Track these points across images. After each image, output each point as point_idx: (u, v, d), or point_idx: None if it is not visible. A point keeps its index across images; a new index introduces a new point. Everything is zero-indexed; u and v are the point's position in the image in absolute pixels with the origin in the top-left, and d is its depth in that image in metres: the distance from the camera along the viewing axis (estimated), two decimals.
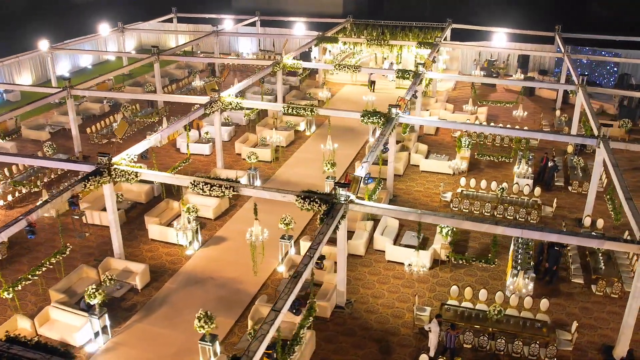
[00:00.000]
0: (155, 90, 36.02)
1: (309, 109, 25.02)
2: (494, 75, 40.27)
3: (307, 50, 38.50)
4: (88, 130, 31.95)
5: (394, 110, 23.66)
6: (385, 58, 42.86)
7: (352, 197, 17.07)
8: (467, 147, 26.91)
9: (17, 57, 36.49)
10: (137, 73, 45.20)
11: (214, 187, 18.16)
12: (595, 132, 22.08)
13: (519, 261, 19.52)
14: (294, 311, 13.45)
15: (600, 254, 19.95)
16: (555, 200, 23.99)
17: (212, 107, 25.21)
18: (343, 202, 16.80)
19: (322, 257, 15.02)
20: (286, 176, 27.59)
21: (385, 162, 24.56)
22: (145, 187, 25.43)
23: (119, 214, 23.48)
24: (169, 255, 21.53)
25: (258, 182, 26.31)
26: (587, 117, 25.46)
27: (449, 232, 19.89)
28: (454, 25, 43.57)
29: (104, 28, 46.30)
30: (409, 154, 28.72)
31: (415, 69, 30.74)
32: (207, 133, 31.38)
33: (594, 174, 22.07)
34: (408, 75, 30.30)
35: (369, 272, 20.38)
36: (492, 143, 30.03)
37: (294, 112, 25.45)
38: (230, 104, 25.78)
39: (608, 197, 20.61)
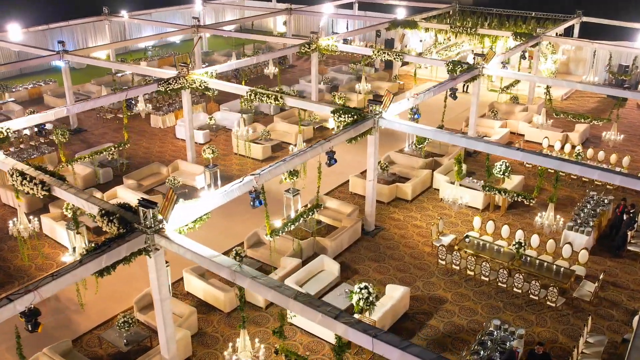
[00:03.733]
0: (194, 66, 32.20)
1: (273, 97, 18.86)
2: (625, 85, 29.67)
3: (377, 34, 31.77)
4: None
5: (375, 108, 16.57)
6: (473, 52, 34.24)
7: (165, 223, 10.94)
8: (506, 174, 18.60)
9: (68, 23, 35.06)
10: (219, 48, 42.16)
11: (25, 181, 13.22)
12: None
13: None
14: None
15: None
16: (602, 276, 15.01)
17: (171, 83, 20.24)
18: (148, 230, 10.77)
19: (32, 313, 9.26)
20: (264, 179, 21.61)
21: (355, 180, 17.50)
22: (86, 170, 21.46)
23: (35, 199, 19.87)
24: (46, 259, 17.15)
25: (219, 183, 20.86)
26: None
27: (366, 300, 12.56)
28: (586, 19, 33.40)
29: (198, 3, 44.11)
30: (432, 173, 21.04)
31: (474, 61, 22.65)
32: (210, 118, 26.61)
33: None
34: (455, 69, 22.41)
35: (252, 335, 13.92)
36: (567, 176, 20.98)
37: (257, 100, 19.50)
38: (194, 82, 20.59)
39: None
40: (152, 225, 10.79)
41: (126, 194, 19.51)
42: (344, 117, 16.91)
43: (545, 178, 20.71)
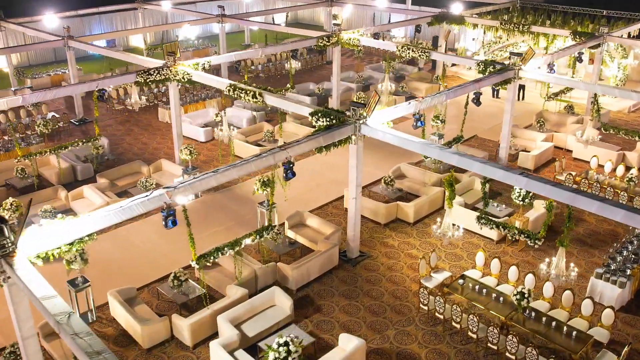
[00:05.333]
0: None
1: (251, 94, 16.26)
2: None
3: (416, 29, 28.50)
4: (114, 94, 27.51)
5: (356, 112, 13.63)
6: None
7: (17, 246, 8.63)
8: (527, 201, 15.08)
9: (98, 9, 34.00)
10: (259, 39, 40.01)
11: None
12: None
13: None
14: None
15: None
16: (629, 346, 11.35)
17: (152, 74, 18.11)
18: None
19: None
20: (247, 189, 19.20)
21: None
22: (63, 165, 19.75)
23: None
24: None
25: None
26: None
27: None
28: None
29: None
30: (444, 193, 17.73)
31: (510, 61, 19.07)
32: (217, 115, 24.40)
33: None
34: (487, 69, 18.95)
35: None
36: None
37: (235, 96, 16.98)
38: (177, 74, 18.38)
39: None
40: (2, 247, 8.51)
41: (92, 195, 17.60)
42: (323, 121, 14.09)
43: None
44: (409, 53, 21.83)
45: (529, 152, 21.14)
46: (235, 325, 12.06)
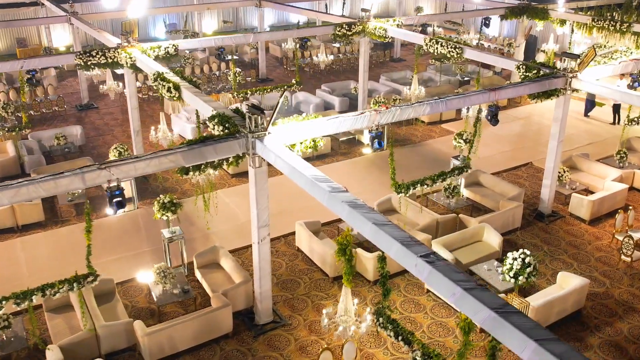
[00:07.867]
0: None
1: (166, 87, 12.30)
2: None
3: (483, 23, 22.96)
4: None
5: (252, 121, 9.26)
6: None
7: None
8: (530, 278, 9.78)
9: None
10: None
11: None
12: None
13: None
14: None
15: None
16: None
17: (94, 56, 14.88)
18: None
19: None
20: (190, 206, 15.37)
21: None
22: (7, 156, 17.28)
23: None
24: None
25: (135, 199, 15.11)
26: None
27: None
28: None
29: None
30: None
31: (562, 64, 13.42)
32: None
33: None
34: (529, 75, 13.51)
35: None
36: None
37: (155, 87, 13.15)
38: (121, 58, 14.99)
39: None
40: None
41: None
42: (219, 129, 9.93)
43: None
44: (436, 48, 16.65)
45: (592, 193, 15.25)
46: None
